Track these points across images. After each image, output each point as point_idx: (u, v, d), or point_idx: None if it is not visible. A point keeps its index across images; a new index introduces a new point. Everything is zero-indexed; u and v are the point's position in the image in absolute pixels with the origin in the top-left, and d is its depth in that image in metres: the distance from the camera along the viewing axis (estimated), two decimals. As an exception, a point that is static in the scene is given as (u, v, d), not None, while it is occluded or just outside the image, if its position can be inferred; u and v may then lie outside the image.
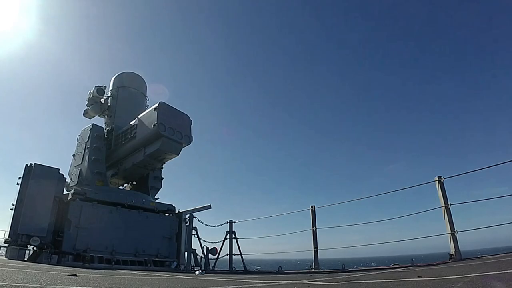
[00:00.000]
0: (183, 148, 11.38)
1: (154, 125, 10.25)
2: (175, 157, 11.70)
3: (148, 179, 12.48)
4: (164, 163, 12.34)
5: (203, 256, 11.08)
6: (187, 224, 11.53)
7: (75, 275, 4.15)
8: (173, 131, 10.64)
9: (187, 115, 11.45)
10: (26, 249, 8.90)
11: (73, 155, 12.01)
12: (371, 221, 7.72)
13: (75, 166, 11.59)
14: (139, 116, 11.33)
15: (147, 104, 13.81)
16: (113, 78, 13.87)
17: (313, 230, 8.30)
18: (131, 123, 11.47)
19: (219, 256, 10.67)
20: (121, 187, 13.05)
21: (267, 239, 10.23)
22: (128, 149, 11.44)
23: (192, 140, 11.41)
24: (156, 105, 10.69)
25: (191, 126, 11.56)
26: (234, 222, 10.75)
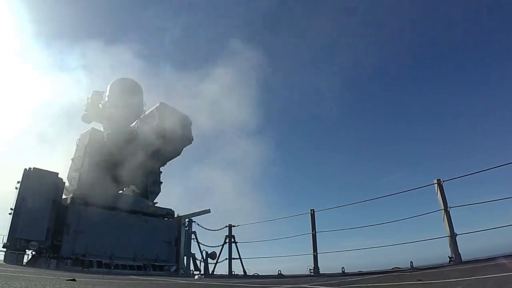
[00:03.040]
0: (184, 148, 11.41)
1: (155, 124, 10.29)
2: (176, 157, 11.68)
3: (147, 184, 12.45)
4: (165, 164, 12.34)
5: (202, 260, 11.05)
6: (186, 228, 11.50)
7: (74, 279, 4.14)
8: (174, 130, 10.67)
9: (187, 115, 11.49)
10: (24, 254, 8.84)
11: (72, 159, 11.98)
12: (370, 224, 7.69)
13: (74, 170, 11.55)
14: (140, 118, 11.35)
15: (144, 109, 13.86)
16: (110, 84, 13.94)
17: (312, 234, 8.29)
18: (131, 125, 11.49)
19: (219, 260, 10.64)
20: (120, 191, 13.01)
21: (267, 244, 10.18)
22: (129, 150, 11.44)
23: (192, 140, 11.44)
24: (157, 105, 10.74)
25: (191, 126, 11.59)
26: (234, 226, 10.72)
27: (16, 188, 9.08)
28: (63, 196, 10.17)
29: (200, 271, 10.87)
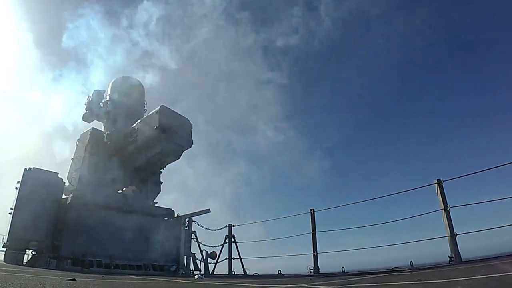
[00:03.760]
0: (183, 152, 11.41)
1: (155, 128, 10.29)
2: (176, 160, 11.68)
3: (147, 183, 12.45)
4: (165, 167, 12.34)
5: (202, 260, 11.04)
6: (186, 228, 11.50)
7: (73, 279, 4.14)
8: (174, 134, 10.66)
9: (187, 119, 11.49)
10: (24, 254, 8.85)
11: (72, 159, 11.98)
12: (370, 224, 7.69)
13: (74, 170, 11.55)
14: (140, 120, 11.36)
15: (145, 108, 13.84)
16: (111, 82, 13.91)
17: (312, 233, 8.28)
18: (132, 126, 11.50)
19: (219, 260, 10.64)
20: (120, 191, 13.01)
21: (267, 243, 10.18)
22: (128, 152, 11.43)
23: (192, 144, 11.44)
24: (158, 108, 10.74)
25: (191, 129, 11.59)
26: (234, 226, 10.72)
27: (16, 188, 9.08)
28: (63, 196, 10.16)
29: (200, 271, 10.86)
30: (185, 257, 11.17)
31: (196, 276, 8.38)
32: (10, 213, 8.92)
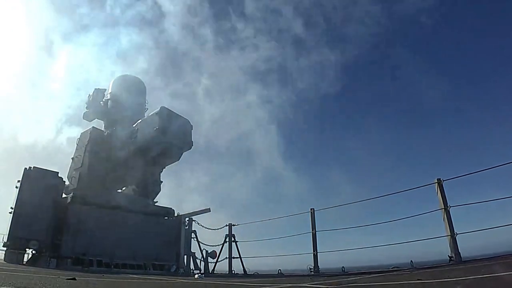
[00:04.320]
0: (183, 153, 11.43)
1: (155, 130, 10.29)
2: (175, 161, 11.68)
3: (147, 183, 12.46)
4: (165, 168, 12.36)
5: (202, 259, 11.05)
6: (187, 227, 11.51)
7: (74, 279, 4.15)
8: (174, 136, 10.67)
9: (188, 120, 11.51)
10: (24, 253, 8.86)
11: (72, 158, 11.99)
12: (370, 224, 7.68)
13: (74, 169, 11.56)
14: (140, 120, 11.36)
15: (146, 107, 13.84)
16: (112, 81, 13.90)
17: (312, 233, 8.28)
18: (132, 126, 11.50)
19: (219, 259, 10.64)
20: (120, 191, 13.02)
21: (267, 243, 10.18)
22: (128, 152, 11.44)
23: (192, 145, 11.45)
24: (158, 109, 10.75)
25: (192, 131, 11.60)
26: (234, 225, 10.72)
27: (16, 187, 9.09)
28: (63, 195, 10.17)
29: (200, 270, 10.86)
30: (185, 256, 11.18)
31: (196, 276, 8.38)
32: (10, 213, 8.93)
